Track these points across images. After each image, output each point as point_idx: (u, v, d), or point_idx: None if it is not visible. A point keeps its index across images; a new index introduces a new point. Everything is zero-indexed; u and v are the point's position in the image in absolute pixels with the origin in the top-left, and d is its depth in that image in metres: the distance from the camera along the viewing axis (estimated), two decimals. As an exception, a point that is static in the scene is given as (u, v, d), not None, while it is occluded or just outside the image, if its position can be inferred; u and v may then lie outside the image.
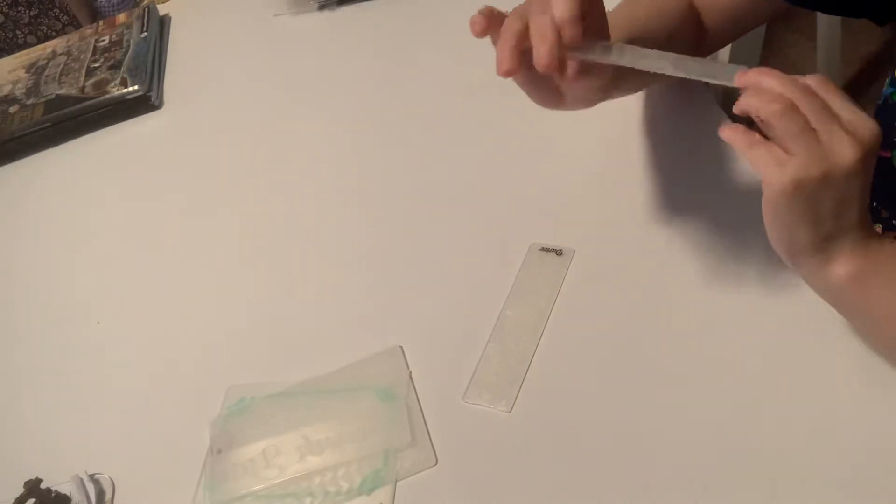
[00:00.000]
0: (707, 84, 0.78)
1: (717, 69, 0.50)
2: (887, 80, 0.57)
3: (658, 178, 0.71)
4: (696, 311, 0.60)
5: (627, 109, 0.76)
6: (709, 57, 0.76)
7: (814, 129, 0.44)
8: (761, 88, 0.46)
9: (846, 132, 0.44)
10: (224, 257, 0.77)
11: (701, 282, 0.62)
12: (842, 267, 0.48)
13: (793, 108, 0.44)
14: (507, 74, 0.50)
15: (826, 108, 0.45)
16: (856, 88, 1.78)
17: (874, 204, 0.60)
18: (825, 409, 0.53)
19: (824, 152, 0.44)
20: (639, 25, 0.66)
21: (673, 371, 0.58)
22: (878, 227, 0.60)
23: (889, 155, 0.57)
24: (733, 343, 0.58)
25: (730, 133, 0.47)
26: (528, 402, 0.58)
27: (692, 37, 0.71)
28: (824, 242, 0.48)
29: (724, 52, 1.08)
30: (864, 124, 0.45)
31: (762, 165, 0.45)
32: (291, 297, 0.71)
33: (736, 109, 0.47)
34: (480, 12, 0.52)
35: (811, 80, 0.46)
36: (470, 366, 0.61)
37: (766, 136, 0.46)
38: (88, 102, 0.96)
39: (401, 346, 0.63)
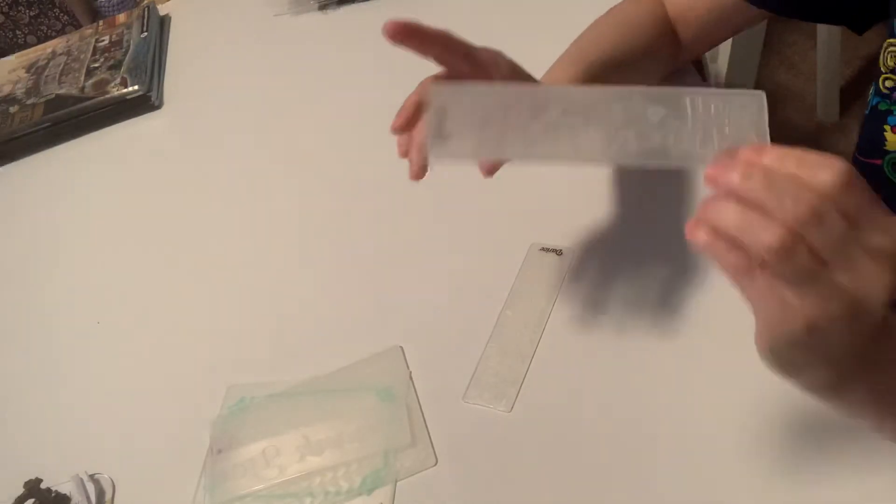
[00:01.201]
0: (707, 82, 0.78)
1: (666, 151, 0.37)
2: (871, 89, 0.57)
3: (658, 177, 0.71)
4: (697, 311, 0.60)
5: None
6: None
7: (826, 263, 0.33)
8: (743, 199, 0.34)
9: (873, 258, 0.33)
10: (224, 257, 0.77)
11: (702, 281, 0.62)
12: (864, 394, 0.39)
13: (794, 238, 0.32)
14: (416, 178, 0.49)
15: (844, 229, 0.32)
16: (856, 88, 1.78)
17: None
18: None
19: (846, 293, 0.33)
20: (607, 48, 0.65)
21: (673, 371, 0.58)
22: None
23: (880, 163, 0.57)
24: (734, 343, 0.58)
25: (707, 243, 0.35)
26: (528, 402, 0.58)
27: (668, 51, 0.70)
28: (840, 380, 0.37)
29: (725, 54, 1.08)
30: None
31: (759, 307, 0.36)
32: (291, 296, 0.71)
33: (707, 221, 0.35)
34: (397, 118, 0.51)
35: (827, 184, 0.32)
36: (470, 366, 0.61)
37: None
38: (88, 102, 0.96)
39: (401, 346, 0.63)
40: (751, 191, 0.33)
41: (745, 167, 0.34)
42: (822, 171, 0.32)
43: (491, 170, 0.48)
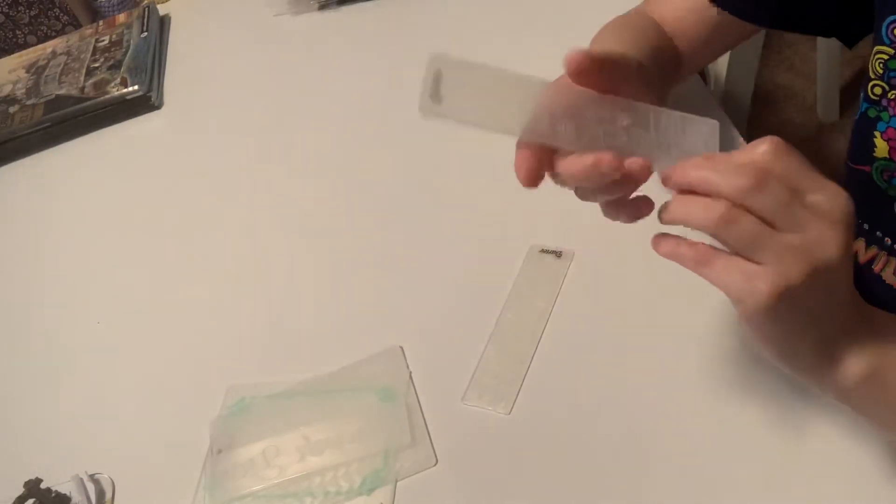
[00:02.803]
0: (707, 84, 0.78)
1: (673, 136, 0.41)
2: (861, 94, 0.57)
3: (657, 178, 0.71)
4: (696, 313, 0.60)
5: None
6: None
7: (774, 227, 0.36)
8: (691, 189, 0.38)
9: (818, 216, 0.36)
10: (224, 257, 0.77)
11: (701, 283, 0.62)
12: (853, 365, 0.40)
13: (734, 214, 0.36)
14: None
15: (785, 193, 0.36)
16: (855, 88, 1.78)
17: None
18: (830, 408, 0.53)
19: (799, 250, 0.36)
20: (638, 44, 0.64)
21: (672, 372, 0.58)
22: (861, 241, 0.60)
23: (869, 169, 0.57)
24: (734, 344, 0.58)
25: (669, 249, 0.39)
26: (527, 404, 0.58)
27: (676, 59, 0.70)
28: (824, 345, 0.40)
29: (724, 54, 1.08)
30: (835, 199, 0.37)
31: (726, 284, 0.37)
32: (291, 297, 0.71)
33: (663, 222, 0.39)
34: None
35: (762, 153, 0.37)
36: (469, 367, 0.61)
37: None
38: (88, 102, 0.96)
39: (401, 347, 0.63)
40: (698, 179, 0.37)
41: (692, 166, 0.38)
42: (756, 147, 0.37)
43: (530, 176, 0.43)
